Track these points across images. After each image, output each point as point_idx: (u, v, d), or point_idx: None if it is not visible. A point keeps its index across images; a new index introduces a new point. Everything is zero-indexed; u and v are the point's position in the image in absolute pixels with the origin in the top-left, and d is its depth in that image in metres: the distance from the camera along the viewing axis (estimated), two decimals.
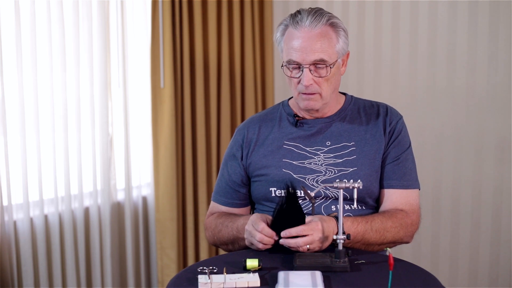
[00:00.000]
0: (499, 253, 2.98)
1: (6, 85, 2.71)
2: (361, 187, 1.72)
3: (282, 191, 1.92)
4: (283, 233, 1.73)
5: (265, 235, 1.75)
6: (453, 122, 3.03)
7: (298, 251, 1.73)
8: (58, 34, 2.83)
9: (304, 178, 1.91)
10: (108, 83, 3.02)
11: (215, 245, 2.02)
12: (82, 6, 2.89)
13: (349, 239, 1.73)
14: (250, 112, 3.41)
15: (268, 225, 1.77)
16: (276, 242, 1.76)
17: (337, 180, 1.79)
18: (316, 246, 1.72)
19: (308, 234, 1.71)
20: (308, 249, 1.72)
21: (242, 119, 3.43)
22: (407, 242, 1.96)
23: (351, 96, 2.05)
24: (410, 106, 3.10)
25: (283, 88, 3.54)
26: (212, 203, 2.09)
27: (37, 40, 2.77)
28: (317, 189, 1.76)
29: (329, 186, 1.76)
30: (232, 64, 3.36)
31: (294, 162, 1.94)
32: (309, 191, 1.78)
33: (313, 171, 1.92)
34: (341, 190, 1.68)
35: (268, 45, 3.47)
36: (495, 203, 2.96)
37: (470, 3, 2.92)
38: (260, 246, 1.76)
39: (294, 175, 1.92)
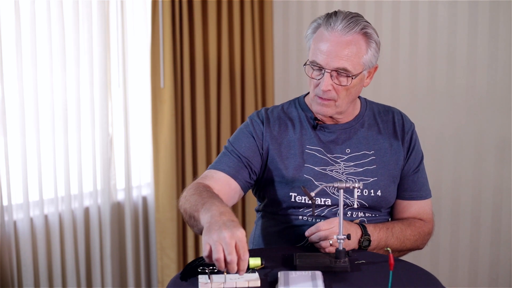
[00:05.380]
0: (499, 253, 2.98)
1: (6, 85, 2.71)
2: (361, 187, 1.71)
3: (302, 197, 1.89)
4: (306, 233, 1.75)
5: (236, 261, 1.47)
6: (453, 122, 3.03)
7: (303, 252, 1.73)
8: (58, 34, 2.83)
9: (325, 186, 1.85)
10: (108, 83, 3.02)
11: (181, 210, 1.76)
12: (82, 6, 2.89)
13: (349, 239, 1.73)
14: (250, 112, 3.41)
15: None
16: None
17: (343, 180, 1.78)
18: (335, 242, 1.70)
19: (327, 228, 1.72)
20: (331, 244, 1.71)
21: (242, 119, 3.42)
22: (420, 249, 1.98)
23: (365, 99, 2.02)
24: (410, 106, 3.09)
25: (283, 88, 3.54)
26: (207, 171, 1.90)
27: (37, 40, 2.77)
28: (317, 189, 1.75)
29: (329, 186, 1.75)
30: (232, 64, 3.36)
31: (316, 168, 1.89)
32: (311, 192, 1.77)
33: (334, 179, 1.88)
34: (341, 190, 1.68)
35: (268, 45, 3.47)
36: (495, 203, 2.96)
37: (470, 3, 2.92)
38: (209, 258, 1.47)
39: (315, 182, 1.88)
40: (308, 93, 1.97)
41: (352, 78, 1.80)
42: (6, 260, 2.75)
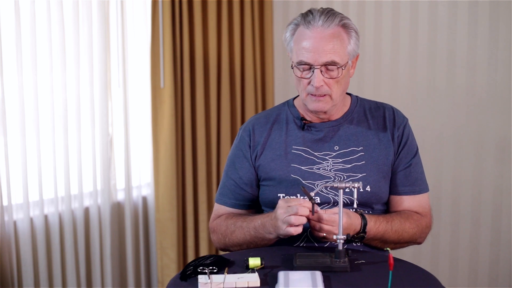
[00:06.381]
0: (499, 253, 2.97)
1: (6, 85, 2.71)
2: (361, 187, 1.71)
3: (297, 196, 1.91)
4: (313, 217, 1.75)
5: (304, 205, 1.71)
6: (453, 122, 3.03)
7: (302, 252, 1.74)
8: (58, 34, 2.83)
9: (313, 184, 1.89)
10: (108, 83, 3.02)
11: (225, 247, 1.97)
12: (82, 6, 2.89)
13: (349, 239, 1.73)
14: (250, 112, 3.41)
15: None
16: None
17: (339, 180, 1.78)
18: (331, 237, 1.73)
19: (331, 225, 1.73)
20: (324, 237, 1.74)
21: (242, 119, 3.43)
22: (419, 243, 1.97)
23: (356, 96, 2.03)
24: (410, 106, 3.09)
25: (283, 88, 3.54)
26: (216, 205, 2.04)
27: (37, 40, 2.77)
28: (317, 189, 1.75)
29: (329, 186, 1.75)
30: (232, 64, 3.36)
31: (302, 168, 1.91)
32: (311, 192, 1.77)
33: (322, 177, 1.89)
34: (341, 190, 1.68)
35: (268, 45, 3.47)
36: (495, 203, 2.96)
37: (470, 3, 2.92)
38: (293, 219, 1.70)
39: (303, 181, 1.90)
40: (297, 96, 2.01)
41: (342, 69, 1.84)
42: (6, 260, 2.75)
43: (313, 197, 1.74)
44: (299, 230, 1.71)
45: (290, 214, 1.70)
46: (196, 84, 3.24)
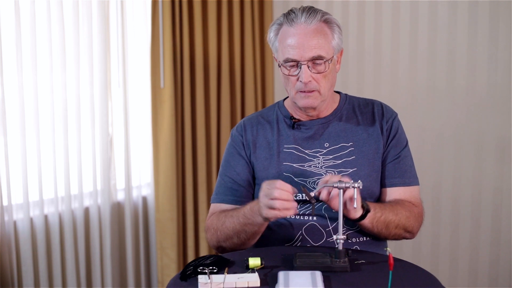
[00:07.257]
0: (499, 253, 2.98)
1: (6, 85, 2.71)
2: (361, 187, 1.71)
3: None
4: (321, 182, 1.74)
5: (283, 189, 1.69)
6: (453, 122, 3.03)
7: (298, 251, 1.74)
8: (58, 34, 2.83)
9: (305, 181, 1.91)
10: (108, 83, 3.02)
11: (218, 244, 1.95)
12: (82, 6, 2.90)
13: (349, 239, 1.73)
14: (250, 112, 3.41)
15: None
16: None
17: (337, 181, 1.79)
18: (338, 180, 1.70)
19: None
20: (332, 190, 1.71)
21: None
22: (412, 235, 1.94)
23: (345, 94, 2.05)
24: (410, 106, 3.10)
25: (283, 88, 3.53)
26: (213, 205, 2.03)
27: (37, 40, 2.77)
28: (317, 189, 1.75)
29: (329, 187, 1.75)
30: (232, 64, 3.36)
31: (294, 165, 1.93)
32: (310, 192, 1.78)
33: (313, 174, 1.91)
34: (341, 190, 1.68)
35: (268, 45, 3.46)
36: (495, 203, 2.96)
37: (470, 3, 2.92)
38: (278, 204, 1.68)
39: (295, 179, 1.91)
40: (287, 97, 2.03)
41: (329, 63, 1.86)
42: (6, 260, 2.75)
43: (313, 197, 1.74)
44: (287, 213, 1.70)
45: (271, 198, 1.68)
46: (196, 84, 3.24)
